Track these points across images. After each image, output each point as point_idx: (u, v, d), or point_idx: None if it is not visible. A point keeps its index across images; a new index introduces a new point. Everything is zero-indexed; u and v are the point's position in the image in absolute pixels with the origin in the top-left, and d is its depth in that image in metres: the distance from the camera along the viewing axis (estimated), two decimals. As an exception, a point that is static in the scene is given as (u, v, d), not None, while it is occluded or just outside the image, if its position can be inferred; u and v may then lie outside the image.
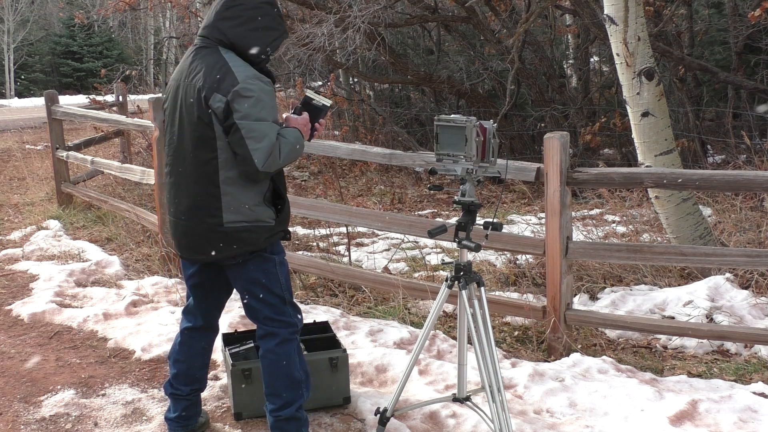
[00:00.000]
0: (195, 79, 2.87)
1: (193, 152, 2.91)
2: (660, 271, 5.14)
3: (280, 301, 3.06)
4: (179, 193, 3.00)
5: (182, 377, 3.28)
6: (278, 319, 3.06)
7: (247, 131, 2.78)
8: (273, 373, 3.08)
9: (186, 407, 3.31)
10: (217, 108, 2.80)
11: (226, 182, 2.88)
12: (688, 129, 8.43)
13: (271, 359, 3.07)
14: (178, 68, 3.05)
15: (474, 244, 2.93)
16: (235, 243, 2.92)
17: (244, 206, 2.90)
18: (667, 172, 4.07)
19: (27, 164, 11.21)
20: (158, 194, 5.88)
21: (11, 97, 28.96)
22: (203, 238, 2.95)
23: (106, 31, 31.02)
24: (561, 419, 3.43)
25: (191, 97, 2.88)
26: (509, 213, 7.73)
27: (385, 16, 8.62)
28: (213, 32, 2.92)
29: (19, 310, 5.10)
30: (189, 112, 2.90)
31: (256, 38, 2.90)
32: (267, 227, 2.96)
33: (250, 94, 2.79)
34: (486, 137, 2.93)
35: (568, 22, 11.56)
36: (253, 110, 2.79)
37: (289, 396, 3.08)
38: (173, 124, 3.01)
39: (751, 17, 7.00)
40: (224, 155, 2.85)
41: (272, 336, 3.07)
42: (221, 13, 2.90)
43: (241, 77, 2.80)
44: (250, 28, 2.88)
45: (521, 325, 4.66)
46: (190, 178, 2.94)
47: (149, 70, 23.40)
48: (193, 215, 2.95)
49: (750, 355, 4.15)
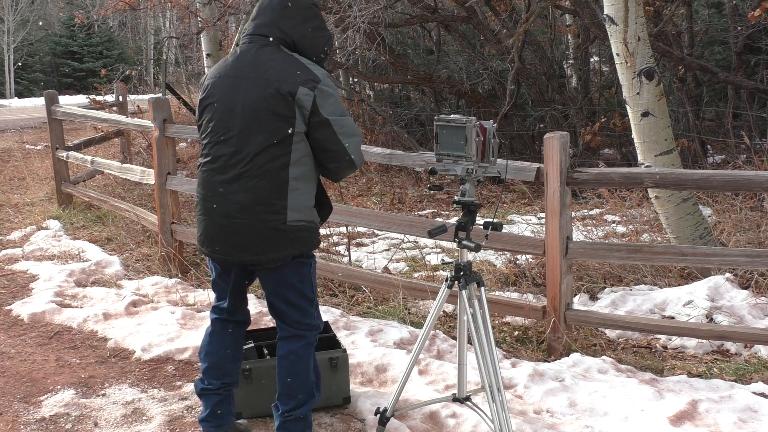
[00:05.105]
0: (269, 74, 2.81)
1: (260, 147, 2.81)
2: (660, 271, 5.14)
3: (309, 304, 3.04)
4: (232, 190, 2.86)
5: (213, 370, 3.16)
6: (306, 322, 3.04)
7: (339, 126, 2.82)
8: (292, 375, 3.03)
9: (217, 403, 3.17)
10: (304, 101, 2.78)
11: (295, 179, 2.85)
12: (688, 129, 8.43)
13: (292, 361, 3.03)
14: (231, 64, 2.94)
15: (474, 244, 2.93)
16: (294, 242, 2.88)
17: (305, 206, 2.89)
18: (667, 172, 4.07)
19: (27, 164, 11.22)
20: (158, 194, 5.88)
21: (11, 97, 28.97)
22: (261, 237, 2.86)
23: (106, 31, 31.04)
24: (561, 419, 3.43)
25: (263, 91, 2.80)
26: (509, 213, 7.73)
27: (385, 16, 8.61)
28: (273, 31, 2.89)
29: (19, 310, 5.10)
30: (257, 108, 2.81)
31: (315, 38, 2.93)
32: (317, 228, 2.98)
33: (331, 91, 2.83)
34: (486, 137, 2.93)
35: (568, 22, 11.56)
36: (336, 107, 2.83)
37: (303, 397, 3.05)
38: (229, 119, 2.87)
39: (751, 17, 6.99)
40: (298, 152, 2.83)
41: (298, 338, 3.03)
42: (281, 11, 2.89)
43: (320, 75, 2.83)
44: (309, 27, 2.91)
45: (521, 325, 4.66)
46: (252, 175, 2.83)
47: (149, 70, 23.39)
48: (252, 212, 2.84)
49: (750, 355, 4.15)
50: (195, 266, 5.86)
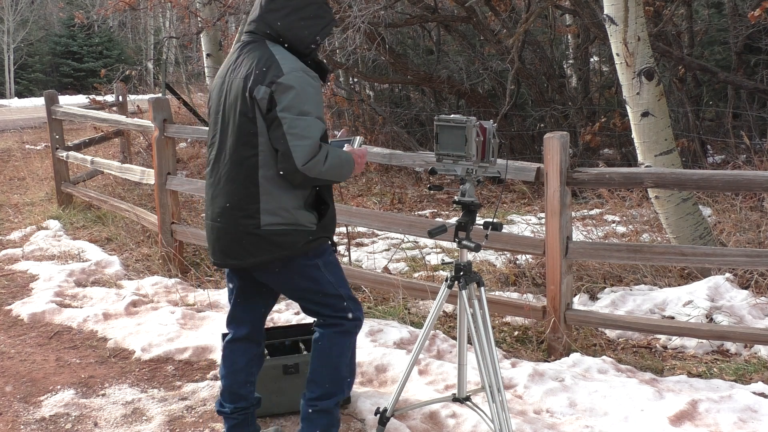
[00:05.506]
0: (239, 73, 2.78)
1: (233, 149, 2.77)
2: (660, 271, 5.14)
3: (338, 299, 2.93)
4: (216, 193, 2.85)
5: (226, 394, 3.10)
6: (340, 315, 2.93)
7: (289, 126, 2.66)
8: (321, 360, 2.95)
9: (233, 426, 3.11)
10: (261, 100, 2.68)
11: (266, 181, 2.73)
12: (688, 129, 8.43)
13: (323, 345, 2.94)
14: (223, 65, 2.95)
15: (474, 244, 2.93)
16: (271, 247, 2.77)
17: (283, 209, 2.75)
18: (667, 172, 4.07)
19: (27, 164, 11.22)
20: (158, 194, 5.89)
21: (11, 97, 28.96)
22: (237, 242, 2.80)
23: (106, 31, 31.03)
24: (561, 419, 3.43)
25: (235, 91, 2.77)
26: (509, 213, 7.73)
27: (385, 16, 8.62)
28: (259, 26, 2.83)
29: (19, 310, 5.10)
30: (232, 108, 2.78)
31: (304, 28, 2.81)
32: (306, 231, 2.80)
33: (293, 85, 2.67)
34: (486, 137, 2.93)
35: (568, 22, 11.55)
36: (295, 102, 2.67)
37: (331, 388, 2.96)
38: (216, 122, 2.88)
39: (751, 17, 6.99)
40: (265, 153, 2.72)
41: (334, 326, 2.94)
42: (267, 5, 2.82)
43: (286, 69, 2.70)
44: (297, 18, 2.80)
45: (521, 325, 4.66)
46: (228, 177, 2.79)
47: (149, 70, 23.40)
48: (229, 216, 2.79)
49: (750, 355, 4.15)
50: (195, 266, 5.86)
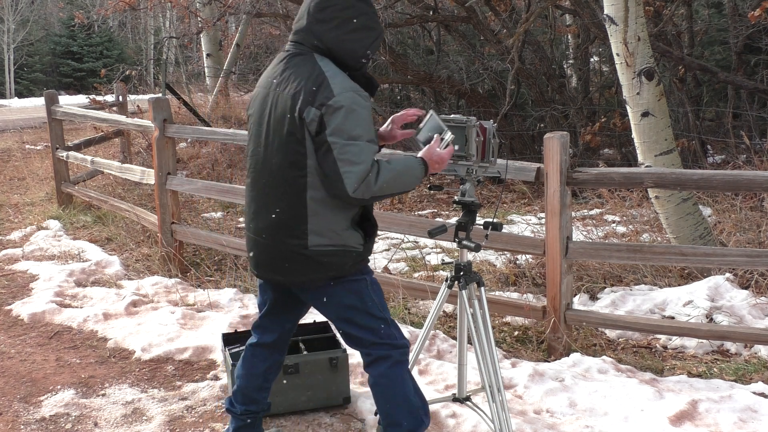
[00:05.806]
0: (287, 90, 2.62)
1: (280, 167, 2.65)
2: (660, 271, 5.14)
3: (383, 322, 2.79)
4: (261, 209, 2.73)
5: (239, 394, 3.07)
6: (386, 342, 2.79)
7: (339, 152, 2.52)
8: (389, 399, 2.80)
9: (238, 428, 3.08)
10: (310, 122, 2.55)
11: (314, 202, 2.61)
12: (688, 129, 8.43)
13: (385, 384, 2.79)
14: (267, 74, 2.79)
15: (474, 244, 2.93)
16: (319, 268, 2.67)
17: (331, 230, 2.65)
18: (667, 172, 4.07)
19: (27, 164, 11.22)
20: (158, 194, 5.89)
21: (11, 97, 28.96)
22: (284, 260, 2.69)
23: (106, 31, 31.04)
24: (561, 419, 3.43)
25: (282, 108, 2.63)
26: (509, 213, 7.73)
27: (385, 16, 8.63)
28: (307, 37, 2.66)
29: (19, 310, 5.10)
30: (278, 125, 2.64)
31: (354, 41, 2.65)
32: (354, 253, 2.70)
33: (344, 107, 2.53)
34: (486, 137, 2.93)
35: (568, 22, 11.55)
36: (346, 126, 2.52)
37: (411, 424, 2.79)
38: (259, 134, 2.73)
39: (751, 17, 6.99)
40: (313, 174, 2.60)
41: (383, 359, 2.78)
42: (314, 15, 2.64)
43: (337, 89, 2.54)
44: (347, 30, 2.63)
45: (521, 325, 4.66)
46: (275, 194, 2.67)
47: (149, 70, 23.39)
48: (274, 235, 2.69)
49: (750, 355, 4.15)
50: (195, 266, 5.87)
